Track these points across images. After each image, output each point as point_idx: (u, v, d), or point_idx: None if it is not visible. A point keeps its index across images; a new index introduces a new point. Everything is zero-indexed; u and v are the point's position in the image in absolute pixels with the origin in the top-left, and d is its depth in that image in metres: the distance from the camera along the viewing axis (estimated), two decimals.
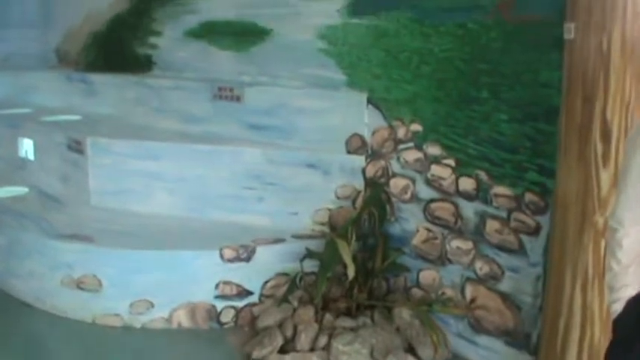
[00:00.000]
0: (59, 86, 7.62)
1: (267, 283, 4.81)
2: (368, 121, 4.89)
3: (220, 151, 5.41)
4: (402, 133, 4.67)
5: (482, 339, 4.25)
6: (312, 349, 4.25)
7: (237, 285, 4.78)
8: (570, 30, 3.24)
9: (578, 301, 3.30)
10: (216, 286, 4.75)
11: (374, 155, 4.89)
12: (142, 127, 6.27)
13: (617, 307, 2.29)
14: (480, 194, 4.19)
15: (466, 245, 4.30)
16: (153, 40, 6.96)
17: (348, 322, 4.37)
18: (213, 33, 6.27)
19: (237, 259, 4.76)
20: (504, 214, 4.06)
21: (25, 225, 5.36)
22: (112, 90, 6.99)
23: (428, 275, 4.57)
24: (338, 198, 5.05)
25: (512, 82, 3.95)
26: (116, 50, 7.46)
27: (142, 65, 7.02)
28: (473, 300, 4.30)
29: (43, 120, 6.81)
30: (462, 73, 4.25)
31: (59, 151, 6.01)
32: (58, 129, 6.34)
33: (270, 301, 4.73)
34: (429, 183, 4.51)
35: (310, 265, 4.62)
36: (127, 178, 5.59)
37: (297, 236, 4.97)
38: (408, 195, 4.66)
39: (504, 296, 4.11)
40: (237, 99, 5.67)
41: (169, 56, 6.78)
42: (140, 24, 7.05)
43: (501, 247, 4.10)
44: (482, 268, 4.21)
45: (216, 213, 5.33)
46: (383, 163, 4.82)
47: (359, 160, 4.96)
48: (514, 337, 4.08)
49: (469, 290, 4.32)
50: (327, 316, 4.40)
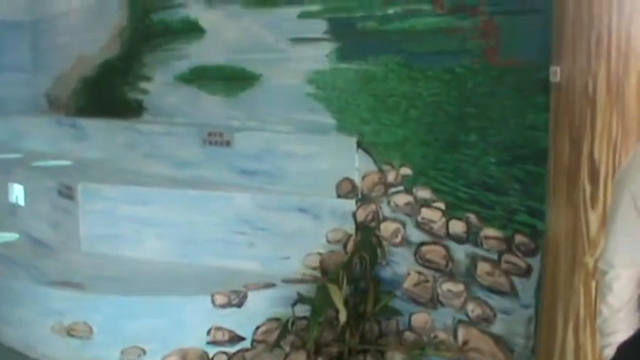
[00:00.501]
0: (49, 131, 7.65)
1: (258, 328, 4.78)
2: (358, 165, 4.91)
3: (210, 197, 5.42)
4: (392, 177, 4.69)
5: None
6: None
7: (229, 330, 4.75)
8: (556, 73, 3.29)
9: (570, 343, 3.30)
10: (208, 332, 4.72)
11: (364, 199, 4.90)
12: (133, 172, 6.27)
13: (609, 352, 2.27)
14: (471, 237, 4.21)
15: (457, 288, 4.30)
16: (143, 85, 6.99)
17: None
18: (203, 78, 6.30)
19: (228, 304, 4.74)
20: (495, 256, 4.08)
21: (16, 272, 5.35)
22: (102, 135, 7.01)
23: (420, 318, 4.56)
24: (329, 242, 5.04)
25: (500, 125, 4.00)
26: (106, 95, 7.48)
27: (132, 110, 7.04)
28: (465, 343, 4.29)
29: (33, 165, 6.82)
30: (450, 116, 4.29)
31: (50, 197, 6.01)
32: (48, 174, 6.34)
33: (263, 347, 4.70)
34: (419, 226, 4.52)
35: (302, 310, 4.59)
36: (117, 223, 5.58)
37: (288, 281, 4.96)
38: (398, 238, 4.67)
39: (497, 338, 4.11)
40: (227, 144, 5.69)
41: (160, 101, 6.80)
42: (130, 69, 7.09)
43: (493, 289, 4.11)
44: (474, 310, 4.21)
45: (207, 258, 5.31)
46: (373, 207, 4.83)
47: (349, 204, 4.96)
48: None
49: (461, 333, 4.31)
50: None
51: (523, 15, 3.93)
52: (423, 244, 4.51)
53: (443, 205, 4.36)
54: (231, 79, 5.99)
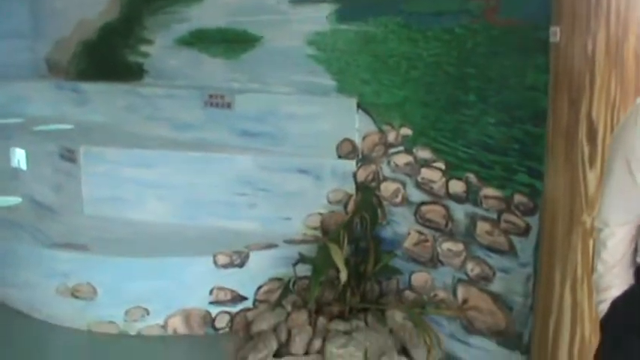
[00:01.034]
0: (50, 95, 7.63)
1: (260, 288, 4.84)
2: (358, 126, 4.93)
3: (212, 158, 5.45)
4: (392, 137, 4.71)
5: (475, 339, 4.29)
6: (307, 352, 4.27)
7: (232, 290, 4.81)
8: (556, 33, 3.28)
9: (568, 301, 3.32)
10: (211, 292, 4.78)
11: (365, 160, 4.93)
12: (134, 135, 6.29)
13: (604, 308, 2.29)
14: (470, 196, 4.23)
15: (457, 247, 4.34)
16: (144, 49, 6.98)
17: (341, 326, 4.39)
18: (203, 40, 6.29)
19: (230, 264, 4.80)
20: (494, 215, 4.10)
21: (19, 235, 5.38)
22: (103, 98, 7.01)
23: (420, 277, 4.60)
24: (330, 203, 5.08)
25: (500, 85, 4.00)
26: (107, 59, 7.47)
27: (133, 73, 7.04)
28: (465, 301, 4.33)
29: (35, 130, 6.82)
30: (450, 77, 4.29)
31: (52, 161, 6.02)
32: (50, 138, 6.36)
33: (264, 306, 4.75)
34: (419, 186, 4.55)
35: (303, 270, 4.64)
36: (119, 186, 5.61)
37: (289, 241, 5.01)
38: (399, 198, 4.70)
39: (496, 297, 4.15)
40: (228, 106, 5.70)
41: (161, 64, 6.80)
42: (131, 32, 7.07)
43: (492, 249, 4.13)
44: (473, 269, 4.25)
45: (209, 219, 5.36)
46: (374, 167, 4.86)
47: (350, 165, 5.00)
48: (506, 337, 4.11)
49: (461, 292, 4.35)
50: (321, 320, 4.42)
51: None
52: (423, 203, 4.54)
53: (443, 165, 4.38)
54: (232, 41, 5.99)
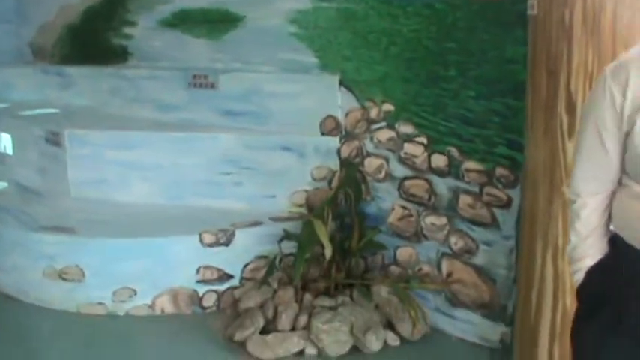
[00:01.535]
0: (35, 80, 7.57)
1: (246, 266, 4.87)
2: (341, 103, 4.95)
3: (196, 138, 5.45)
4: (374, 113, 4.73)
5: (460, 312, 4.34)
6: (293, 328, 4.32)
7: (218, 269, 4.83)
8: (533, 6, 3.29)
9: (549, 271, 3.35)
10: (197, 271, 4.80)
11: (348, 136, 4.95)
12: (119, 117, 6.25)
13: (579, 277, 2.30)
14: (452, 170, 4.26)
15: (440, 221, 4.37)
16: (127, 31, 6.94)
17: (327, 301, 4.43)
18: (186, 22, 6.27)
19: (216, 243, 4.82)
20: (476, 188, 4.13)
21: (6, 219, 5.39)
22: (88, 81, 6.95)
23: (404, 252, 4.64)
24: (314, 179, 5.11)
25: (479, 59, 4.02)
26: (91, 42, 7.42)
27: (117, 56, 7.01)
28: (449, 274, 4.38)
29: (20, 114, 6.79)
30: (430, 52, 4.32)
31: (37, 145, 6.00)
32: (35, 122, 6.32)
33: (251, 284, 4.78)
34: (402, 161, 4.58)
35: (288, 247, 4.67)
36: (105, 168, 5.60)
37: (274, 219, 5.03)
38: (382, 174, 4.72)
39: (479, 270, 4.19)
40: (212, 86, 5.70)
41: (144, 46, 6.77)
42: (114, 15, 7.03)
43: (475, 222, 4.17)
44: (456, 242, 4.29)
45: (194, 199, 5.37)
46: (357, 143, 4.88)
47: (333, 142, 5.02)
48: (490, 309, 4.16)
49: (445, 265, 4.40)
50: (307, 296, 4.46)
51: None
52: (406, 178, 4.57)
53: (425, 140, 4.41)
54: (215, 21, 5.96)
